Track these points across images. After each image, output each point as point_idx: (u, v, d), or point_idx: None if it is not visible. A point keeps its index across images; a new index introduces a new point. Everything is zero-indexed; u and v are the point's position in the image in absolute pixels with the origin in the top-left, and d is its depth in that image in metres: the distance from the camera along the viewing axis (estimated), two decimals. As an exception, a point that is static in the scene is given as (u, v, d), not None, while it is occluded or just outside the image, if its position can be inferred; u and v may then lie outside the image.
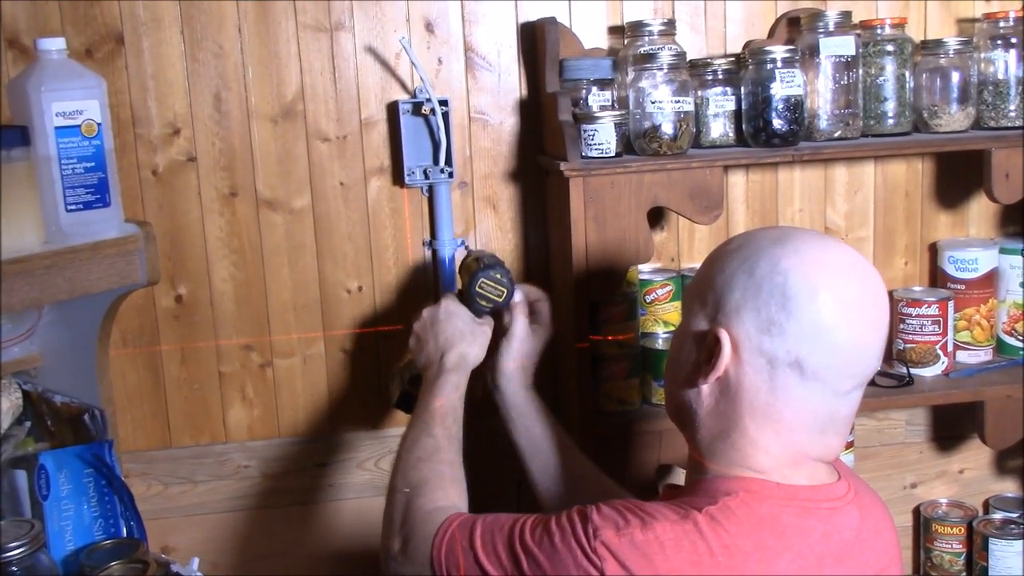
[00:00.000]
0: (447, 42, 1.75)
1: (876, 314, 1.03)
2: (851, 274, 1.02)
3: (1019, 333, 1.84)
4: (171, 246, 1.73)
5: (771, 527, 0.98)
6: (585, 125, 1.56)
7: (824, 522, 1.01)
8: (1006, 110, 1.69)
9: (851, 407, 1.05)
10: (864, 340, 1.01)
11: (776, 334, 0.99)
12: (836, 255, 1.03)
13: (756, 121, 1.60)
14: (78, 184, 1.40)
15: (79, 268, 1.38)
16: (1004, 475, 2.04)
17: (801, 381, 1.00)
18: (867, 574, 1.04)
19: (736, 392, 1.03)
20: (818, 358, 0.99)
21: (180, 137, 1.71)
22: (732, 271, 1.03)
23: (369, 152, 1.76)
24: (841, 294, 1.00)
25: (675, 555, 0.95)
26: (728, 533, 0.96)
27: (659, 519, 0.98)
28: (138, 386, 1.77)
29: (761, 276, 1.01)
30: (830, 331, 0.99)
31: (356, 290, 1.79)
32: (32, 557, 1.29)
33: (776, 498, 1.00)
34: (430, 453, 1.25)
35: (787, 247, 1.02)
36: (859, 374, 1.03)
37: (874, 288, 1.03)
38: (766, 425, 1.02)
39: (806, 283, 0.99)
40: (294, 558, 1.85)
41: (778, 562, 0.97)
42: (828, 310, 0.99)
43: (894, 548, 1.10)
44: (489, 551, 1.06)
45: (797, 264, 1.00)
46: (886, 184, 1.89)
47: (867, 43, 1.67)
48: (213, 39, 1.69)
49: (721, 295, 1.03)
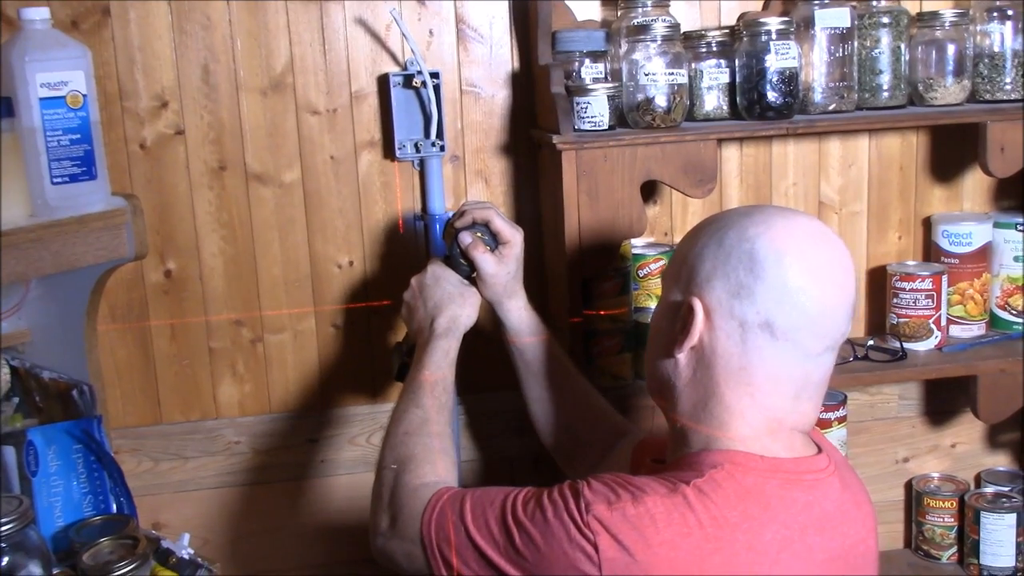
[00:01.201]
0: (438, 14, 1.73)
1: (842, 278, 1.05)
2: (817, 240, 1.05)
3: (1012, 307, 1.84)
4: (160, 220, 1.71)
5: (756, 498, 1.00)
6: (578, 98, 1.55)
7: (807, 493, 1.03)
8: (1002, 83, 1.67)
9: (823, 371, 1.07)
10: (832, 302, 1.03)
11: (745, 297, 1.02)
12: (803, 224, 1.06)
13: (750, 94, 1.59)
14: (64, 156, 1.38)
15: (65, 242, 1.37)
16: (996, 449, 2.05)
17: (772, 342, 1.02)
18: (846, 544, 1.06)
19: (711, 359, 1.05)
20: (787, 319, 1.02)
21: (168, 110, 1.69)
22: (703, 244, 1.07)
23: (360, 125, 1.74)
24: (807, 257, 1.03)
25: (666, 528, 0.96)
26: (716, 505, 0.98)
27: (649, 493, 0.99)
28: (128, 362, 1.76)
29: (730, 245, 1.04)
30: (797, 292, 1.01)
31: (347, 265, 1.78)
32: (21, 533, 1.28)
33: (760, 470, 1.02)
34: (418, 426, 1.24)
35: (755, 218, 1.06)
36: (828, 335, 1.04)
37: (840, 255, 1.06)
38: (741, 390, 1.04)
39: (772, 247, 1.02)
40: (285, 534, 1.84)
41: (764, 532, 0.99)
42: (794, 272, 1.02)
43: (872, 521, 1.12)
44: (480, 525, 1.05)
45: (764, 231, 1.03)
46: (880, 158, 1.88)
47: (862, 15, 1.65)
48: (201, 10, 1.67)
49: (693, 267, 1.07)
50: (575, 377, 1.46)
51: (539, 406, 1.46)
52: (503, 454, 1.85)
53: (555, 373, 1.44)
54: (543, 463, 1.62)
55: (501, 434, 1.85)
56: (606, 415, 1.44)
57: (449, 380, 1.32)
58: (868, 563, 1.10)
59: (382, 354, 1.80)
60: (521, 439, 1.82)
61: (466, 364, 1.39)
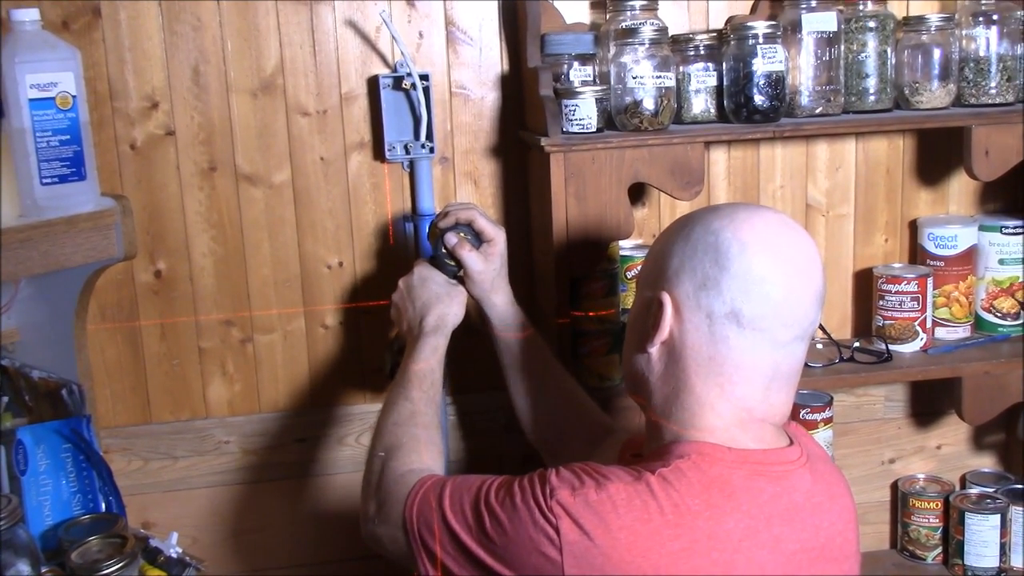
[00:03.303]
0: (428, 16, 1.73)
1: (807, 266, 1.06)
2: (781, 230, 1.06)
3: (997, 310, 1.85)
4: (150, 221, 1.72)
5: (721, 488, 1.01)
6: (566, 100, 1.56)
7: (774, 484, 1.04)
8: (987, 87, 1.69)
9: (793, 362, 1.08)
10: (797, 290, 1.04)
11: (712, 288, 1.04)
12: (767, 216, 1.07)
13: (737, 97, 1.60)
14: (53, 157, 1.39)
15: (54, 242, 1.38)
16: (981, 451, 2.06)
17: (739, 332, 1.04)
18: (820, 537, 1.06)
19: (681, 351, 1.07)
20: (753, 308, 1.03)
21: (158, 111, 1.69)
22: (671, 241, 1.09)
23: (349, 127, 1.75)
24: (771, 247, 1.04)
25: (627, 513, 0.98)
26: (678, 493, 1.00)
27: (613, 480, 1.01)
28: (117, 361, 1.76)
29: (696, 238, 1.06)
30: (762, 281, 1.03)
31: (337, 265, 1.79)
32: (10, 532, 1.29)
33: (727, 461, 1.03)
34: (406, 417, 1.29)
35: (721, 212, 1.08)
36: (796, 324, 1.05)
37: (805, 244, 1.07)
38: (711, 381, 1.06)
39: (736, 238, 1.04)
40: (274, 533, 1.85)
41: (727, 520, 1.00)
42: (759, 261, 1.03)
43: (850, 515, 1.13)
44: (456, 511, 1.09)
45: (728, 224, 1.05)
46: (867, 161, 1.90)
47: (849, 19, 1.66)
48: (191, 11, 1.67)
49: (662, 264, 1.09)
50: (559, 372, 1.49)
51: (523, 400, 1.49)
52: (493, 452, 1.86)
53: (539, 367, 1.47)
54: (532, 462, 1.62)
55: (491, 433, 1.86)
56: (590, 411, 1.46)
57: (437, 375, 1.36)
58: (847, 556, 1.11)
59: (371, 354, 1.81)
60: (511, 437, 1.83)
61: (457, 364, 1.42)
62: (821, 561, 1.06)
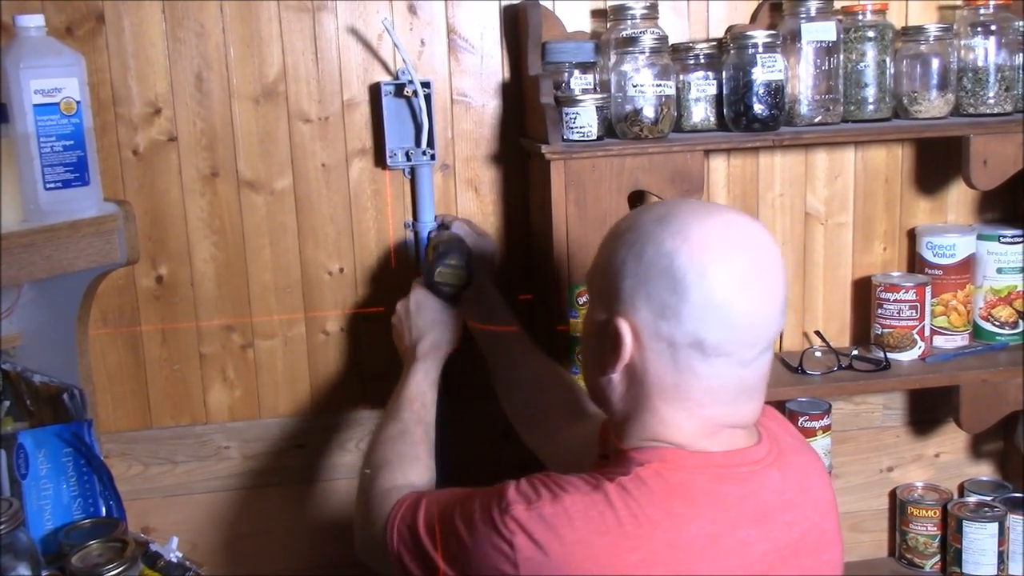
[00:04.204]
0: (430, 24, 1.74)
1: (769, 281, 1.02)
2: (738, 246, 1.01)
3: (995, 319, 1.86)
4: (152, 226, 1.73)
5: (682, 495, 0.99)
6: (567, 108, 1.56)
7: (740, 486, 1.02)
8: (985, 97, 1.70)
9: (759, 373, 1.05)
10: (761, 308, 1.01)
11: (671, 317, 1.00)
12: (721, 229, 1.02)
13: (737, 106, 1.61)
14: (57, 162, 1.40)
15: (57, 247, 1.38)
16: (979, 459, 2.06)
17: (704, 359, 1.01)
18: (793, 533, 1.05)
19: (643, 377, 1.04)
20: (717, 334, 1.00)
21: (161, 117, 1.70)
22: (622, 258, 1.04)
23: (351, 134, 1.76)
24: (730, 268, 0.99)
25: (582, 526, 0.97)
26: (637, 503, 0.98)
27: (570, 491, 0.99)
28: (119, 366, 1.77)
29: (649, 261, 1.01)
30: (723, 307, 0.99)
31: (338, 272, 1.79)
32: (10, 535, 1.29)
33: (689, 466, 1.01)
34: (396, 436, 1.32)
35: (671, 227, 1.01)
36: (761, 340, 1.02)
37: (764, 255, 1.03)
38: (676, 404, 1.03)
39: (693, 263, 0.99)
40: (274, 538, 1.85)
41: (688, 529, 0.98)
42: (719, 287, 0.99)
43: (826, 504, 1.11)
44: (428, 529, 1.09)
45: (682, 244, 1.00)
46: (866, 170, 1.90)
47: (848, 29, 1.67)
48: (195, 18, 1.68)
49: (614, 284, 1.04)
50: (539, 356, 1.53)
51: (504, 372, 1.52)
52: (491, 459, 1.85)
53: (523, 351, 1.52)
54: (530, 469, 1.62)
55: (490, 440, 1.86)
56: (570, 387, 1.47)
57: (429, 397, 1.40)
58: (826, 545, 1.09)
59: (372, 360, 1.82)
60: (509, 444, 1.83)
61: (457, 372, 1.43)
62: (797, 556, 1.05)
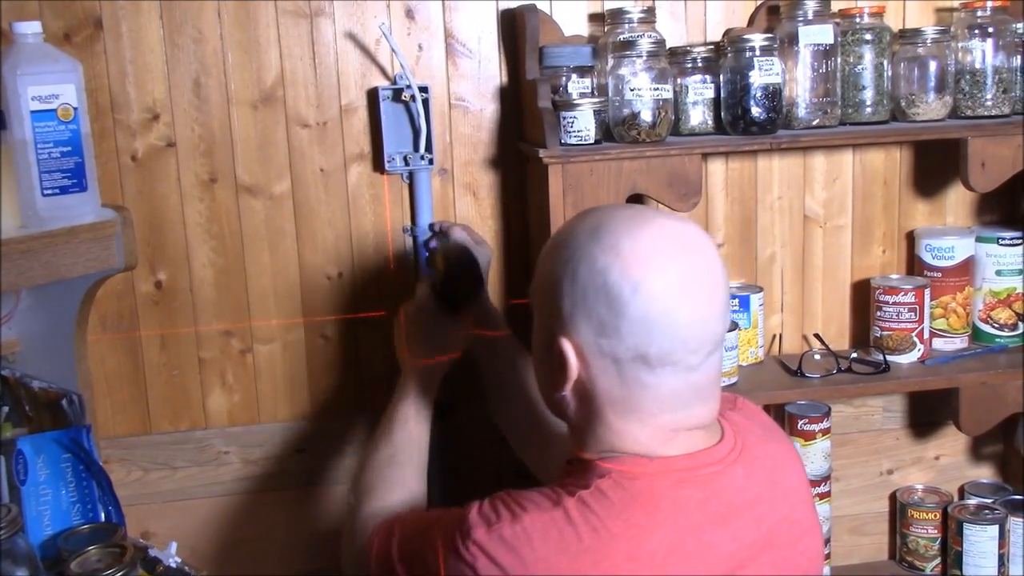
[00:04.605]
0: (427, 28, 1.75)
1: (708, 284, 1.01)
2: (672, 255, 0.99)
3: (994, 321, 1.86)
4: (150, 232, 1.73)
5: (643, 504, 0.99)
6: (564, 112, 1.57)
7: (702, 489, 1.01)
8: (983, 99, 1.70)
9: (709, 374, 1.04)
10: (700, 314, 0.99)
11: (611, 335, 0.99)
12: (652, 240, 1.00)
13: (735, 109, 1.61)
14: (54, 168, 1.40)
15: (55, 253, 1.38)
16: (979, 461, 2.06)
17: (650, 371, 1.00)
18: (762, 529, 1.04)
19: (593, 393, 1.03)
20: (659, 347, 0.98)
21: (159, 122, 1.71)
22: (558, 276, 1.03)
23: (349, 138, 1.76)
24: (665, 280, 0.98)
25: (542, 545, 0.96)
26: (597, 516, 0.97)
27: (529, 510, 0.99)
28: (118, 372, 1.77)
29: (584, 280, 1.00)
30: (662, 320, 0.97)
31: (336, 276, 1.79)
32: (9, 541, 1.29)
33: (649, 474, 1.00)
34: (383, 461, 1.30)
35: (603, 241, 1.00)
36: (706, 344, 1.01)
37: (700, 259, 1.01)
38: (628, 416, 1.03)
39: (626, 278, 0.98)
40: (273, 543, 1.85)
41: (650, 538, 0.97)
42: (654, 300, 0.97)
43: (797, 493, 1.10)
44: (404, 556, 1.10)
45: (614, 259, 0.98)
46: (864, 172, 1.90)
47: (846, 32, 1.67)
48: (193, 24, 1.68)
49: (554, 303, 1.03)
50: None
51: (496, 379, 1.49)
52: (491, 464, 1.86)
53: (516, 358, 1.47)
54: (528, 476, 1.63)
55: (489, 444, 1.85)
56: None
57: (423, 416, 1.36)
58: (802, 535, 1.08)
59: (371, 364, 1.82)
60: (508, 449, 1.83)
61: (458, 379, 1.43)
62: (768, 551, 1.04)
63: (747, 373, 1.78)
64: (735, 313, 1.79)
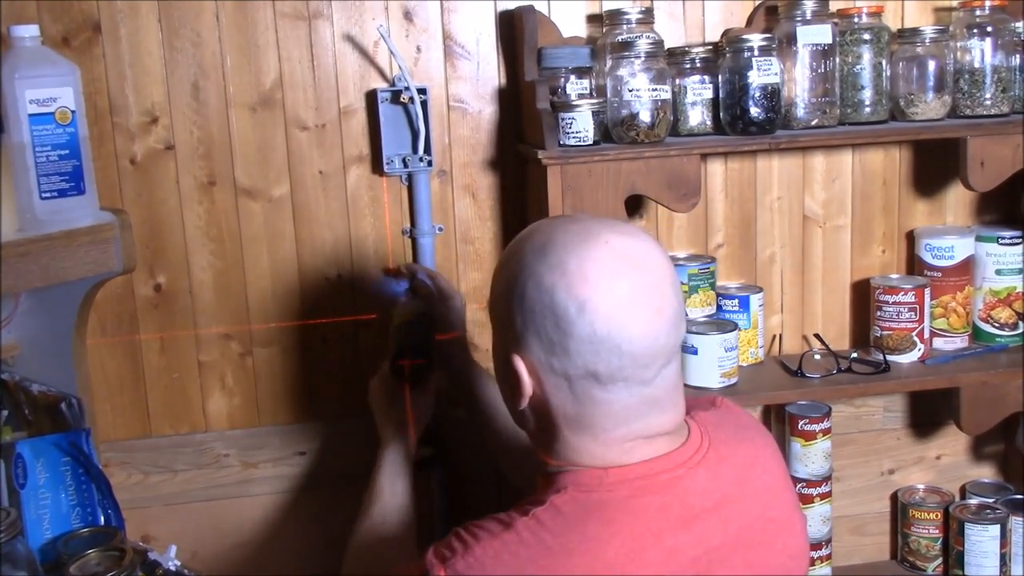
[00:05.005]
0: (426, 30, 1.75)
1: (656, 298, 1.00)
2: (618, 271, 0.99)
3: (995, 320, 1.86)
4: (149, 235, 1.73)
5: (599, 516, 0.98)
6: (563, 113, 1.56)
7: (660, 495, 1.01)
8: (982, 98, 1.69)
9: (665, 386, 1.03)
10: (649, 330, 0.99)
11: (560, 353, 0.99)
12: (597, 256, 0.99)
13: (733, 109, 1.61)
14: (52, 172, 1.40)
15: (53, 256, 1.38)
16: (980, 461, 2.06)
17: (602, 388, 1.00)
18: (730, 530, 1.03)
19: (547, 409, 1.04)
20: (608, 364, 0.98)
21: (158, 126, 1.70)
22: (509, 295, 1.03)
23: (348, 140, 1.76)
24: (610, 298, 0.98)
25: (495, 569, 0.97)
26: (551, 533, 0.97)
27: (481, 538, 0.99)
28: (117, 375, 1.77)
29: (532, 299, 1.00)
30: (609, 337, 0.97)
31: (335, 278, 1.79)
32: (9, 545, 1.29)
33: (605, 485, 1.01)
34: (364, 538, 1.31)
35: (549, 260, 1.00)
36: (658, 358, 1.00)
37: (647, 274, 1.00)
38: (582, 432, 1.03)
39: (572, 297, 0.98)
40: (273, 546, 1.85)
41: (607, 549, 0.97)
42: (600, 319, 0.97)
43: (771, 491, 1.09)
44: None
45: (559, 279, 0.99)
46: (864, 172, 1.90)
47: (844, 31, 1.67)
48: (191, 27, 1.68)
49: (506, 320, 1.04)
50: None
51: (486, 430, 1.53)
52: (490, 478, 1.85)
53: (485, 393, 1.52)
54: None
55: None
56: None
57: (398, 485, 1.38)
58: (778, 535, 1.07)
59: (370, 367, 1.81)
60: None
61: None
62: (740, 551, 1.03)
63: (747, 374, 1.78)
64: (735, 314, 1.79)
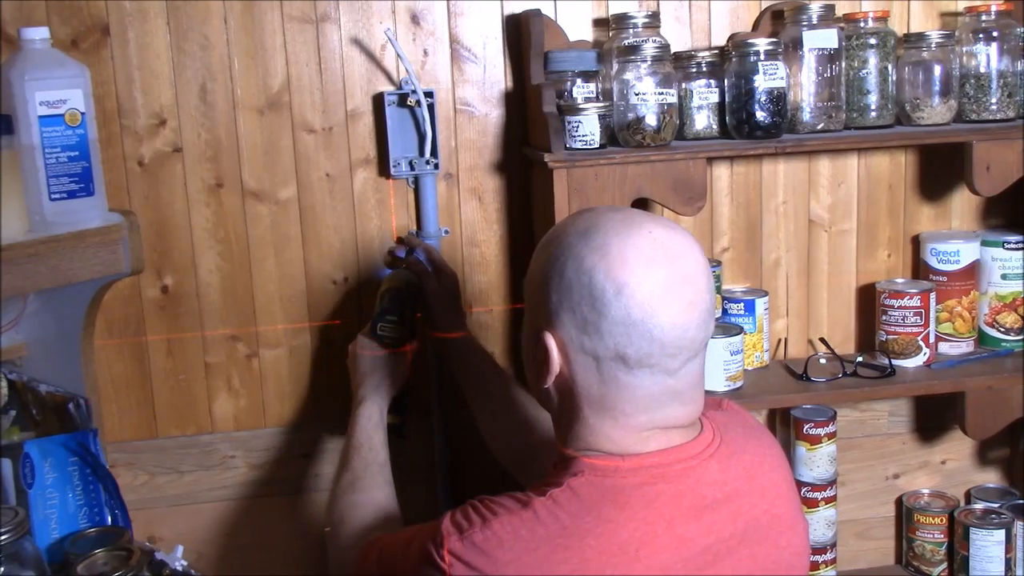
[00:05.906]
0: (433, 34, 1.75)
1: (689, 294, 1.02)
2: (657, 260, 1.01)
3: (1000, 325, 1.86)
4: (157, 237, 1.73)
5: (614, 500, 1.01)
6: (569, 117, 1.57)
7: (674, 484, 1.03)
8: (987, 103, 1.70)
9: (688, 379, 1.05)
10: (682, 320, 1.01)
11: (593, 333, 1.02)
12: (639, 244, 1.02)
13: (739, 113, 1.61)
14: (62, 173, 1.41)
15: (62, 257, 1.39)
16: (986, 466, 2.06)
17: (628, 371, 1.02)
18: (739, 523, 1.05)
19: (572, 388, 1.06)
20: (637, 348, 1.01)
21: (166, 128, 1.71)
22: (547, 273, 1.06)
23: (355, 143, 1.76)
24: (647, 284, 1.00)
25: (512, 546, 0.99)
26: (567, 513, 1.00)
27: (499, 514, 1.02)
28: (124, 376, 1.78)
29: (570, 278, 1.03)
30: (642, 322, 1.00)
31: (342, 281, 1.80)
32: (16, 544, 1.29)
33: (621, 471, 1.03)
34: (346, 488, 1.37)
35: (592, 242, 1.03)
36: (684, 350, 1.03)
37: (684, 267, 1.03)
38: (603, 414, 1.05)
39: (611, 279, 1.00)
40: (279, 548, 1.85)
41: (620, 533, 0.99)
42: (636, 304, 1.00)
43: (777, 489, 1.11)
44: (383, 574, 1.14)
45: (600, 261, 1.01)
46: (869, 177, 1.90)
47: (850, 36, 1.68)
48: (199, 30, 1.69)
49: (541, 298, 1.06)
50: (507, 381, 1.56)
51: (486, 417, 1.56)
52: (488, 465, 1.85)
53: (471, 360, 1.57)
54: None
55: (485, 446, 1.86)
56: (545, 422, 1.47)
57: (377, 440, 1.44)
58: (782, 532, 1.09)
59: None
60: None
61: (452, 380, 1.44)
62: (747, 545, 1.05)
63: (752, 377, 1.78)
64: (741, 317, 1.79)
